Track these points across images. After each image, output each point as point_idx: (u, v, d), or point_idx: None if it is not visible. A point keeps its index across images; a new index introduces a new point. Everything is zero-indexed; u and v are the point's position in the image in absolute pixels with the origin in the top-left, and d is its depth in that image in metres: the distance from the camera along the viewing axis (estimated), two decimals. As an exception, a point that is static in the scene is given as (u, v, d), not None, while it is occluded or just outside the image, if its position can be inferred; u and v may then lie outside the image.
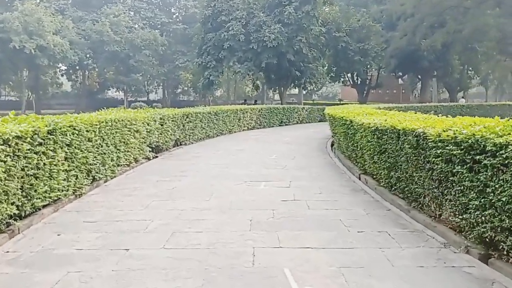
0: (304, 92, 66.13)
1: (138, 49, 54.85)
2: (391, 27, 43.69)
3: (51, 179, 7.37)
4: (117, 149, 10.86)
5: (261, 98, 61.83)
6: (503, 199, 4.40)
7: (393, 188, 8.03)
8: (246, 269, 4.81)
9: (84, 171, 8.79)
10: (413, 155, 6.51)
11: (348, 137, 11.27)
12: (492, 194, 4.61)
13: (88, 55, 54.35)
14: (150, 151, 13.83)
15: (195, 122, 18.72)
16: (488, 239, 4.89)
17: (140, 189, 9.14)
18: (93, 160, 9.23)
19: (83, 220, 6.81)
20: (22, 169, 6.32)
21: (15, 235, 5.99)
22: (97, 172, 9.53)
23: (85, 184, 8.81)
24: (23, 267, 4.91)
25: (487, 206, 4.74)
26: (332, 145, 18.63)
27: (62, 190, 7.79)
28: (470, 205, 5.05)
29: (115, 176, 10.62)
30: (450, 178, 5.51)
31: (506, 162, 4.37)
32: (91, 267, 4.88)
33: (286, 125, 30.66)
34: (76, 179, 8.41)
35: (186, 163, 12.82)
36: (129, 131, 11.72)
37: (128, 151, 11.74)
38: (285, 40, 32.81)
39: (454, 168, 5.30)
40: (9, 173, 5.98)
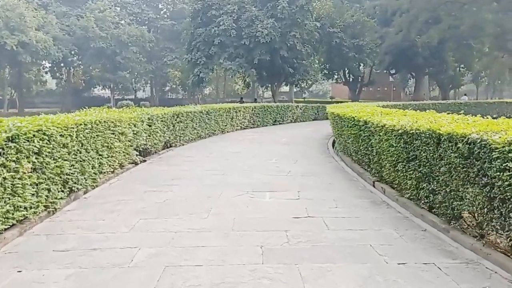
0: (295, 90, 65.08)
1: (125, 46, 53.18)
2: (385, 23, 42.69)
3: (15, 196, 6.04)
4: (99, 155, 9.52)
5: (251, 96, 60.53)
6: None
7: (423, 202, 6.84)
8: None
9: (59, 183, 7.46)
10: (461, 166, 5.30)
11: (360, 140, 10.06)
12: None
13: (73, 52, 52.50)
14: (137, 155, 12.50)
15: (186, 122, 17.39)
16: None
17: (125, 203, 7.82)
18: (70, 169, 7.89)
19: (53, 249, 5.48)
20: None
21: (-39, 275, 4.66)
22: (75, 183, 8.19)
23: (60, 198, 7.47)
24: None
25: None
26: (333, 145, 17.50)
27: (30, 208, 6.46)
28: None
29: (97, 186, 9.29)
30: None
31: None
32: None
33: (280, 124, 29.43)
34: (49, 193, 7.07)
35: (178, 169, 11.50)
36: (113, 134, 10.38)
37: (112, 156, 10.41)
38: (278, 36, 31.54)
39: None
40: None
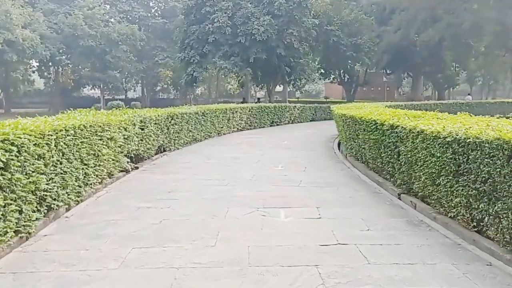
0: (289, 89, 63.93)
1: (115, 44, 51.60)
2: (383, 22, 41.67)
3: (-27, 224, 4.76)
4: (84, 164, 8.22)
5: (245, 96, 59.12)
6: None
7: (474, 224, 5.66)
8: None
9: (33, 201, 6.16)
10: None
11: (383, 146, 8.86)
12: None
13: (61, 50, 50.80)
14: (128, 162, 11.20)
15: (181, 125, 16.11)
16: None
17: (115, 224, 6.54)
18: (48, 184, 6.60)
19: (19, 297, 4.21)
20: None
21: None
22: (55, 199, 6.90)
23: (35, 219, 6.18)
24: None
25: None
26: (339, 148, 16.32)
27: (-5, 235, 5.19)
28: None
29: (82, 200, 8.00)
30: None
31: None
32: None
33: (278, 125, 28.23)
34: (20, 215, 5.78)
35: (174, 178, 10.22)
36: (101, 140, 9.08)
37: (100, 165, 9.10)
38: (275, 33, 30.32)
39: None
40: None
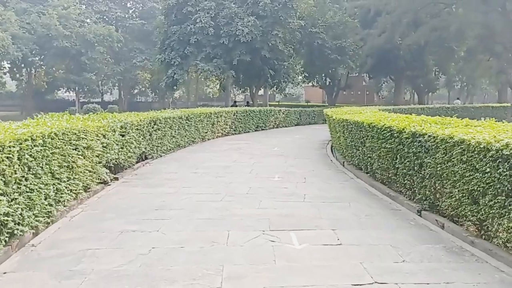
0: (269, 93, 62.97)
1: (91, 46, 49.65)
2: (367, 25, 41.10)
3: None
4: (56, 179, 6.98)
5: (225, 100, 57.78)
6: None
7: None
8: None
9: (-10, 230, 4.92)
10: None
11: (399, 156, 7.84)
12: None
13: (34, 51, 48.54)
14: (107, 173, 9.93)
15: (164, 130, 14.86)
16: None
17: (92, 256, 5.33)
18: (10, 207, 5.36)
19: None
20: None
21: None
22: (19, 223, 5.67)
23: (-8, 252, 4.94)
24: None
25: None
26: (332, 151, 15.35)
27: None
28: None
29: (53, 221, 6.77)
30: None
31: None
32: None
33: (263, 130, 27.13)
34: (-29, 249, 4.54)
35: (160, 192, 9.01)
36: (76, 149, 7.83)
37: (75, 178, 7.85)
38: (260, 35, 29.22)
39: None
40: None
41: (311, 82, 46.24)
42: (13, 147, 5.37)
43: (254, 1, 29.61)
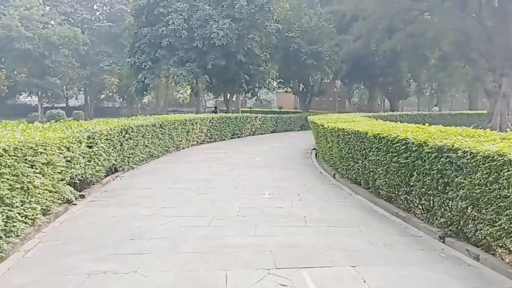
0: (241, 98, 61.78)
1: (55, 48, 47.18)
2: (342, 30, 40.57)
3: None
4: (6, 205, 5.62)
5: (197, 106, 56.34)
6: None
7: None
8: None
9: None
10: None
11: (417, 173, 6.80)
12: None
13: (-7, 54, 45.95)
14: (72, 191, 8.51)
15: (137, 139, 13.46)
16: None
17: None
18: None
19: None
20: None
21: None
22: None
23: None
24: None
25: None
26: (316, 156, 14.25)
27: None
28: None
29: (3, 258, 5.40)
30: None
31: None
32: None
33: (239, 138, 25.92)
34: None
35: (136, 214, 7.67)
36: (32, 167, 6.46)
37: (31, 201, 6.46)
38: (235, 38, 28.01)
39: None
40: None
41: (286, 88, 45.29)
42: None
43: (230, 3, 28.41)
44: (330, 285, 4.69)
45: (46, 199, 7.12)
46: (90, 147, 9.53)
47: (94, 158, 9.84)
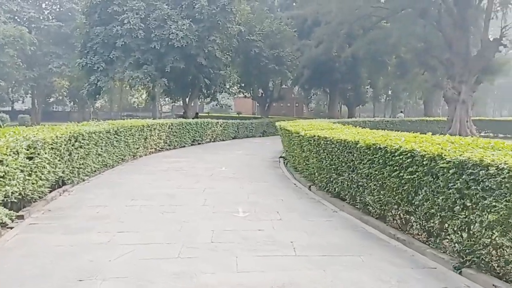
0: (199, 103, 60.20)
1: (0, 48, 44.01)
2: (303, 35, 40.05)
3: None
4: None
5: (153, 111, 54.16)
6: None
7: None
8: None
9: None
10: None
11: (425, 192, 5.80)
12: None
13: None
14: (7, 214, 6.99)
15: (88, 147, 11.90)
16: None
17: None
18: None
19: None
20: None
21: None
22: None
23: None
24: None
25: None
26: (285, 165, 13.16)
27: None
28: None
29: None
30: None
31: None
32: None
33: (200, 144, 24.56)
34: None
35: (86, 243, 6.25)
36: None
37: None
38: (196, 40, 26.61)
39: None
40: None
41: (247, 93, 44.23)
42: None
43: (189, 3, 27.00)
44: None
45: (-30, 227, 5.61)
46: (31, 159, 7.99)
47: (36, 171, 8.30)
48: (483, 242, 4.99)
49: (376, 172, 7.09)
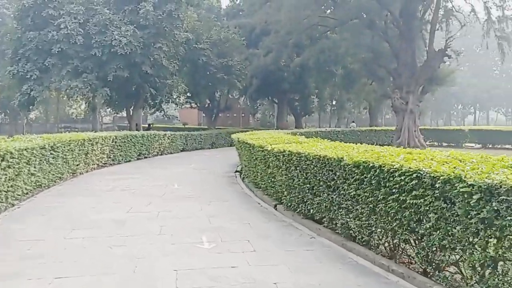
0: (143, 114, 57.79)
1: None
2: (251, 44, 39.36)
3: None
4: None
5: (93, 122, 51.26)
6: None
7: None
8: None
9: None
10: None
11: (435, 220, 4.90)
12: None
13: None
14: None
15: (19, 167, 10.20)
16: None
17: None
18: None
19: None
20: None
21: None
22: None
23: None
24: None
25: None
26: (242, 180, 12.07)
27: None
28: None
29: None
30: None
31: None
32: None
33: (146, 158, 22.94)
34: None
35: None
36: None
37: None
38: (140, 47, 24.97)
39: None
40: None
41: (193, 103, 42.78)
42: None
43: (134, 8, 25.34)
44: None
45: None
46: None
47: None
48: (514, 282, 4.14)
49: (366, 194, 6.15)
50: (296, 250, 6.72)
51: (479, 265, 4.50)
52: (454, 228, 4.67)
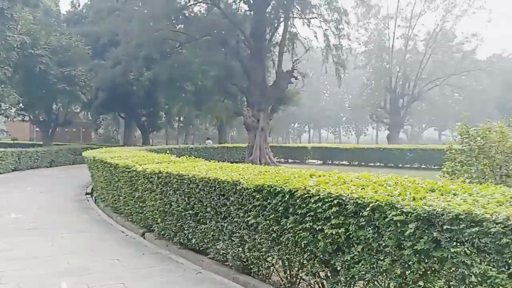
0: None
1: None
2: (97, 54, 36.48)
3: None
4: None
5: None
6: None
7: None
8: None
9: None
10: None
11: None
12: None
13: None
14: None
15: None
16: None
17: None
18: None
19: None
20: None
21: None
22: None
23: None
24: None
25: None
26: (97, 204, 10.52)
27: None
28: None
29: None
30: None
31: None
32: None
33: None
34: None
35: None
36: None
37: None
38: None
39: None
40: None
41: (28, 116, 37.82)
42: None
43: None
44: None
45: None
46: None
47: None
48: None
49: (268, 223, 5.45)
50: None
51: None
52: (382, 261, 4.21)
